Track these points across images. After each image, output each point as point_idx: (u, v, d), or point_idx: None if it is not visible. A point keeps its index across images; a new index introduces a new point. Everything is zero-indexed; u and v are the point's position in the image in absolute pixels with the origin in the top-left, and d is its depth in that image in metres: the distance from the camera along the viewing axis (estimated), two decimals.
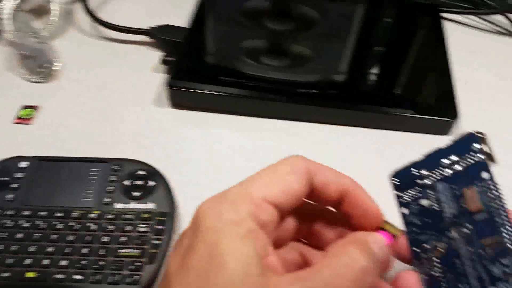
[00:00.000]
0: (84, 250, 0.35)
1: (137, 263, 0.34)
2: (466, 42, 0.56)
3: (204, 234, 0.21)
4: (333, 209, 0.28)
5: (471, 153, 0.24)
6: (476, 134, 0.24)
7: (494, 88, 0.52)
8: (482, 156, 0.24)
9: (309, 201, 0.27)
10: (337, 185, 0.25)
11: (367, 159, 0.44)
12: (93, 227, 0.36)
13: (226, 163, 0.43)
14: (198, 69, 0.48)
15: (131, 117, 0.46)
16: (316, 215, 0.28)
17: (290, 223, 0.27)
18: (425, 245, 0.25)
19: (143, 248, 0.35)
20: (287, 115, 0.47)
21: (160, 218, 0.37)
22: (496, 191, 0.23)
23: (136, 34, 0.52)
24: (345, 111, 0.46)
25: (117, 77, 0.50)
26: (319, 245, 0.28)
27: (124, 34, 0.53)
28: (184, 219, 0.39)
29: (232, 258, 0.20)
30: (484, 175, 0.23)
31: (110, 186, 0.38)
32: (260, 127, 0.46)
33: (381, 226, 0.26)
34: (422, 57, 0.52)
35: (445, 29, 0.54)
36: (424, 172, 0.26)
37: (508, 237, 0.22)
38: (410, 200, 0.26)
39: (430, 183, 0.25)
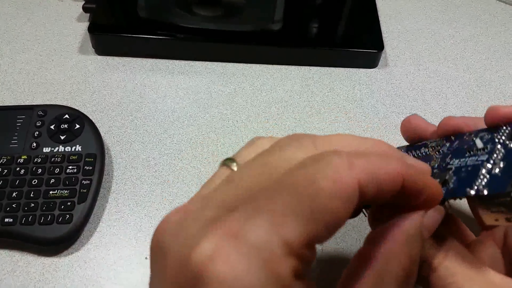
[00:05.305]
0: (14, 194, 0.35)
1: (68, 203, 0.35)
2: None
3: None
4: None
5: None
6: None
7: (415, 19, 0.54)
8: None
9: None
10: (393, 186, 0.18)
11: (297, 93, 0.46)
12: (22, 171, 0.36)
13: (156, 106, 0.44)
14: (119, 13, 0.48)
15: (57, 66, 0.46)
16: None
17: None
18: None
19: (73, 189, 0.36)
20: (215, 56, 0.47)
21: (89, 159, 0.37)
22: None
23: None
24: (274, 49, 0.48)
25: (41, 28, 0.49)
26: None
27: None
28: (114, 161, 0.40)
29: None
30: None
31: (37, 131, 0.38)
32: (187, 69, 0.47)
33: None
34: None
35: None
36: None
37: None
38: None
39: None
